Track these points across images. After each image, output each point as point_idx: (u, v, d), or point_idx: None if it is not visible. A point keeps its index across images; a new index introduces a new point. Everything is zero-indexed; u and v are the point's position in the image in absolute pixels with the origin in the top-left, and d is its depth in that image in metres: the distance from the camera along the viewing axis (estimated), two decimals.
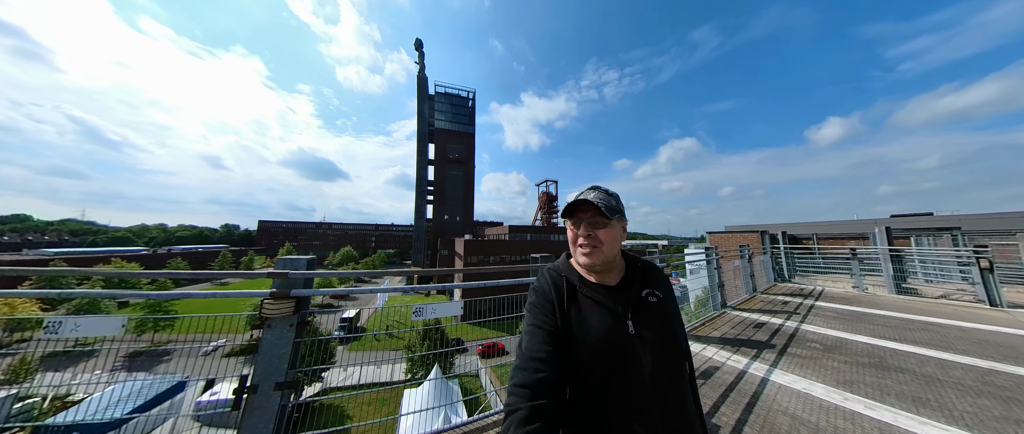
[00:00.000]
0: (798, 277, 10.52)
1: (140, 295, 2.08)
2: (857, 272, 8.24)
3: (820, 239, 15.62)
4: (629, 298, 0.95)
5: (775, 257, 10.20)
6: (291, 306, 2.18)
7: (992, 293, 6.11)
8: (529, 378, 0.80)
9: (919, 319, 5.11)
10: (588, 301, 0.94)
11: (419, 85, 63.28)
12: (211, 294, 2.28)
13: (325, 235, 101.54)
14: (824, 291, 7.69)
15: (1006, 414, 2.35)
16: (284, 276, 2.17)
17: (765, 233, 10.42)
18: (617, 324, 0.90)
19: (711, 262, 5.85)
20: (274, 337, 2.18)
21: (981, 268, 6.28)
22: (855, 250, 8.54)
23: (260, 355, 2.14)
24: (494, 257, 38.73)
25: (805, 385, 2.76)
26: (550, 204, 66.34)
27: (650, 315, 0.93)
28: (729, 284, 6.55)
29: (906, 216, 24.31)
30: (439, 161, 64.12)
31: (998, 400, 2.54)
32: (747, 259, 7.22)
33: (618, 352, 0.86)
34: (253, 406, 2.06)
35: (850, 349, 3.68)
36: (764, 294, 7.33)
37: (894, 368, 3.14)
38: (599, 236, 0.95)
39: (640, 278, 1.00)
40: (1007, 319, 5.10)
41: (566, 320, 0.92)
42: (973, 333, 4.36)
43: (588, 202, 0.95)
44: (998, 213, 15.70)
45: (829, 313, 5.51)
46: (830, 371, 3.06)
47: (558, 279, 1.00)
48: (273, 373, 2.13)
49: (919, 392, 2.65)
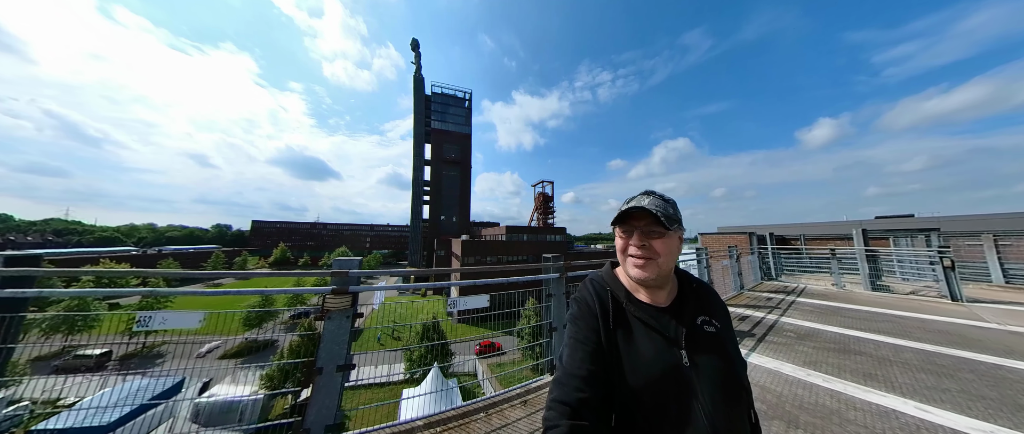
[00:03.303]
0: (784, 276, 11.15)
1: (205, 292, 2.47)
2: (836, 271, 8.87)
3: (807, 240, 16.34)
4: (682, 323, 0.85)
5: (762, 257, 10.82)
6: (349, 300, 2.60)
7: (954, 289, 6.73)
8: (570, 396, 0.74)
9: (886, 312, 5.68)
10: (637, 322, 0.85)
11: (416, 85, 63.35)
12: (263, 291, 2.67)
13: (320, 235, 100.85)
14: (806, 288, 8.29)
15: (937, 384, 2.87)
16: (344, 275, 2.58)
17: (752, 234, 11.04)
18: (670, 352, 0.80)
19: (701, 261, 6.37)
20: (334, 327, 2.59)
21: (944, 267, 6.91)
22: (834, 250, 9.17)
23: (323, 342, 2.55)
24: (491, 257, 39.13)
25: (776, 365, 3.27)
26: (546, 205, 66.96)
27: (708, 346, 0.83)
28: (718, 282, 7.09)
29: (888, 218, 25.35)
30: (435, 161, 64.31)
31: (933, 375, 3.07)
32: (735, 259, 7.77)
33: (671, 384, 0.77)
34: (320, 385, 2.48)
35: (820, 337, 4.21)
36: (751, 291, 7.89)
37: (854, 352, 3.67)
38: (655, 247, 0.84)
39: (694, 301, 0.90)
40: (964, 312, 5.70)
41: (611, 340, 0.83)
42: (930, 324, 4.93)
43: (643, 209, 0.84)
44: (978, 215, 16.61)
45: (807, 308, 6.07)
46: (800, 354, 3.58)
47: (603, 292, 0.90)
48: (335, 357, 2.54)
49: (870, 369, 3.18)
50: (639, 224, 0.87)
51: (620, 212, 0.88)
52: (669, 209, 0.86)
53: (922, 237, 11.47)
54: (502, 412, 2.55)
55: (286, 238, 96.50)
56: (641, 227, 0.86)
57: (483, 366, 19.55)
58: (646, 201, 0.86)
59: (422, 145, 63.50)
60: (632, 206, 0.86)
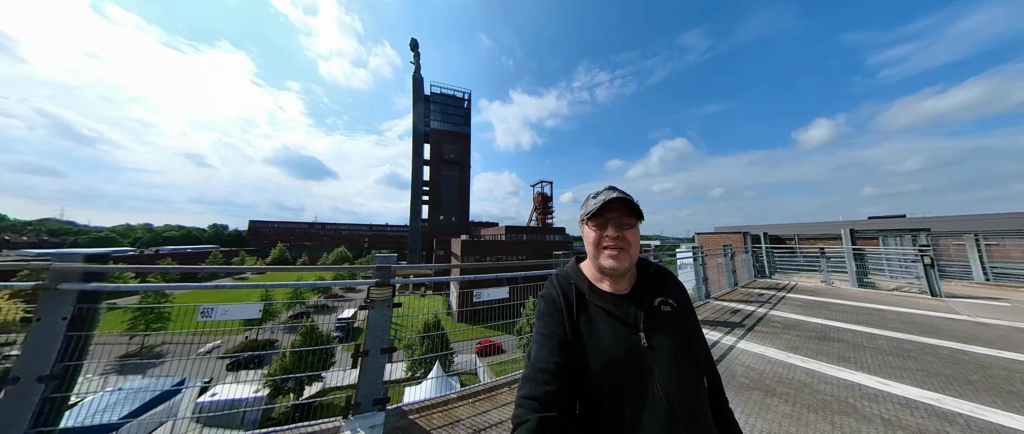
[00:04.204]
0: (778, 274, 11.62)
1: (285, 284, 2.83)
2: (825, 268, 9.33)
3: (801, 240, 16.85)
4: (641, 307, 0.90)
5: (756, 255, 11.29)
6: (390, 291, 2.98)
7: (933, 285, 7.20)
8: (537, 390, 0.78)
9: (868, 306, 6.13)
10: (598, 311, 0.90)
11: (415, 85, 63.58)
12: (329, 283, 3.04)
13: (318, 235, 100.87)
14: (796, 285, 8.74)
15: (901, 365, 3.30)
16: (387, 269, 2.96)
17: (747, 234, 11.51)
18: (629, 336, 0.86)
19: (697, 259, 6.79)
20: (377, 315, 2.97)
21: (924, 264, 7.38)
22: (824, 249, 9.64)
23: (368, 329, 2.93)
24: (490, 257, 39.49)
25: (761, 349, 3.69)
26: (545, 205, 67.43)
27: (664, 326, 0.88)
28: (713, 279, 7.51)
29: (881, 218, 25.99)
30: (434, 162, 64.62)
31: (899, 357, 3.49)
32: (729, 258, 8.21)
33: (630, 366, 0.81)
34: (367, 366, 2.85)
35: (804, 327, 4.64)
36: (744, 288, 8.33)
37: (832, 339, 4.09)
38: (627, 237, 0.89)
39: (654, 285, 0.95)
40: (941, 306, 6.15)
41: (576, 330, 0.87)
42: (907, 316, 5.37)
43: (620, 200, 0.90)
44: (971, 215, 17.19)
45: (796, 302, 6.50)
46: (783, 341, 4.00)
47: (567, 286, 0.95)
48: (379, 342, 2.92)
49: (845, 354, 3.60)
50: (612, 216, 0.92)
51: (601, 204, 0.91)
52: (635, 203, 0.93)
53: (910, 237, 12.00)
54: None
55: (284, 238, 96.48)
56: (614, 219, 0.91)
57: (485, 365, 19.93)
58: (616, 195, 0.91)
59: (421, 145, 63.76)
60: (611, 198, 0.90)
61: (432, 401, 2.85)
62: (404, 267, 3.21)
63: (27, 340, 2.04)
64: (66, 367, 2.16)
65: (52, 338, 2.09)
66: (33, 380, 1.98)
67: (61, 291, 2.14)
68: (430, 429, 2.41)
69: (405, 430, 2.42)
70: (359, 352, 2.85)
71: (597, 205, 0.91)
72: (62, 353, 2.11)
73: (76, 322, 2.19)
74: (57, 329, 2.11)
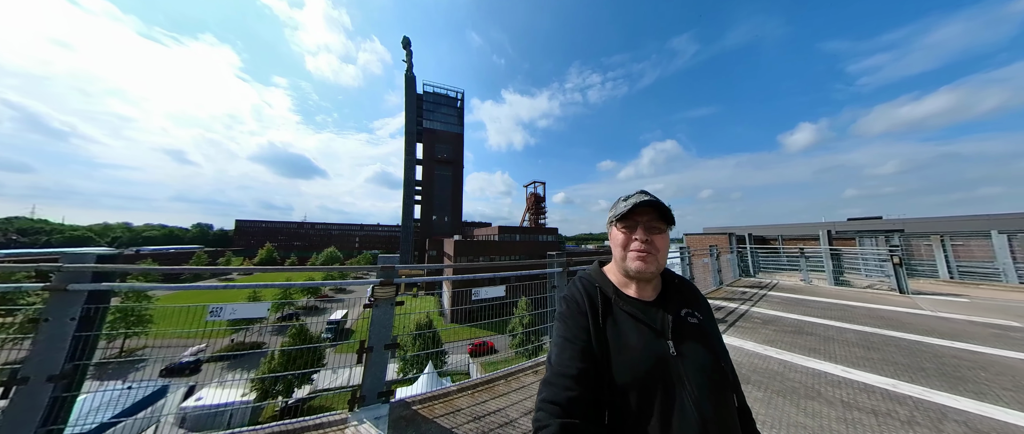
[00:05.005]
0: (761, 273, 12.10)
1: (288, 284, 2.95)
2: (804, 268, 9.80)
3: (785, 240, 17.50)
4: (668, 316, 0.87)
5: (741, 255, 11.74)
6: (394, 290, 3.14)
7: (901, 283, 7.67)
8: (559, 395, 0.76)
9: (841, 303, 6.52)
10: (625, 316, 0.88)
11: (407, 84, 63.18)
12: (326, 283, 3.18)
13: (307, 235, 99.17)
14: (777, 283, 9.16)
15: (864, 355, 3.61)
16: (391, 268, 3.11)
17: (732, 235, 11.95)
18: (657, 343, 0.83)
19: (684, 259, 7.10)
20: (380, 313, 3.12)
21: (893, 263, 7.85)
22: (803, 249, 10.11)
23: (373, 326, 3.08)
24: (483, 258, 39.58)
25: (740, 343, 3.97)
26: (538, 205, 67.85)
27: (693, 336, 0.86)
28: (699, 278, 7.84)
29: (859, 220, 27.13)
30: (427, 161, 64.32)
31: (863, 349, 3.82)
32: (715, 257, 8.56)
33: (660, 375, 0.78)
34: (371, 360, 3.00)
35: (780, 323, 4.96)
36: (729, 286, 8.70)
37: (806, 333, 4.41)
38: (656, 242, 0.89)
39: (679, 296, 0.94)
40: (907, 302, 6.58)
41: (601, 336, 0.85)
42: (876, 312, 5.76)
43: (651, 204, 0.89)
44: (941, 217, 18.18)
45: (776, 300, 6.86)
46: (761, 335, 4.29)
47: (592, 289, 0.94)
48: (383, 338, 3.07)
49: (815, 345, 3.90)
50: (642, 219, 0.91)
51: (631, 207, 0.90)
52: (667, 209, 0.92)
53: (883, 237, 12.65)
54: (518, 378, 3.14)
55: (272, 238, 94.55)
56: (645, 222, 0.90)
57: (477, 364, 20.05)
58: (648, 198, 0.91)
59: (413, 144, 63.39)
60: (642, 201, 0.90)
61: (433, 393, 3.02)
62: (407, 267, 3.37)
63: (36, 340, 2.06)
64: (75, 367, 2.20)
65: (61, 338, 2.11)
66: (43, 380, 2.01)
67: (71, 292, 2.17)
68: (433, 417, 2.58)
69: (409, 419, 2.58)
70: (364, 348, 3.00)
71: (627, 207, 0.91)
72: (71, 353, 2.14)
73: (84, 322, 2.21)
74: (66, 329, 2.13)
